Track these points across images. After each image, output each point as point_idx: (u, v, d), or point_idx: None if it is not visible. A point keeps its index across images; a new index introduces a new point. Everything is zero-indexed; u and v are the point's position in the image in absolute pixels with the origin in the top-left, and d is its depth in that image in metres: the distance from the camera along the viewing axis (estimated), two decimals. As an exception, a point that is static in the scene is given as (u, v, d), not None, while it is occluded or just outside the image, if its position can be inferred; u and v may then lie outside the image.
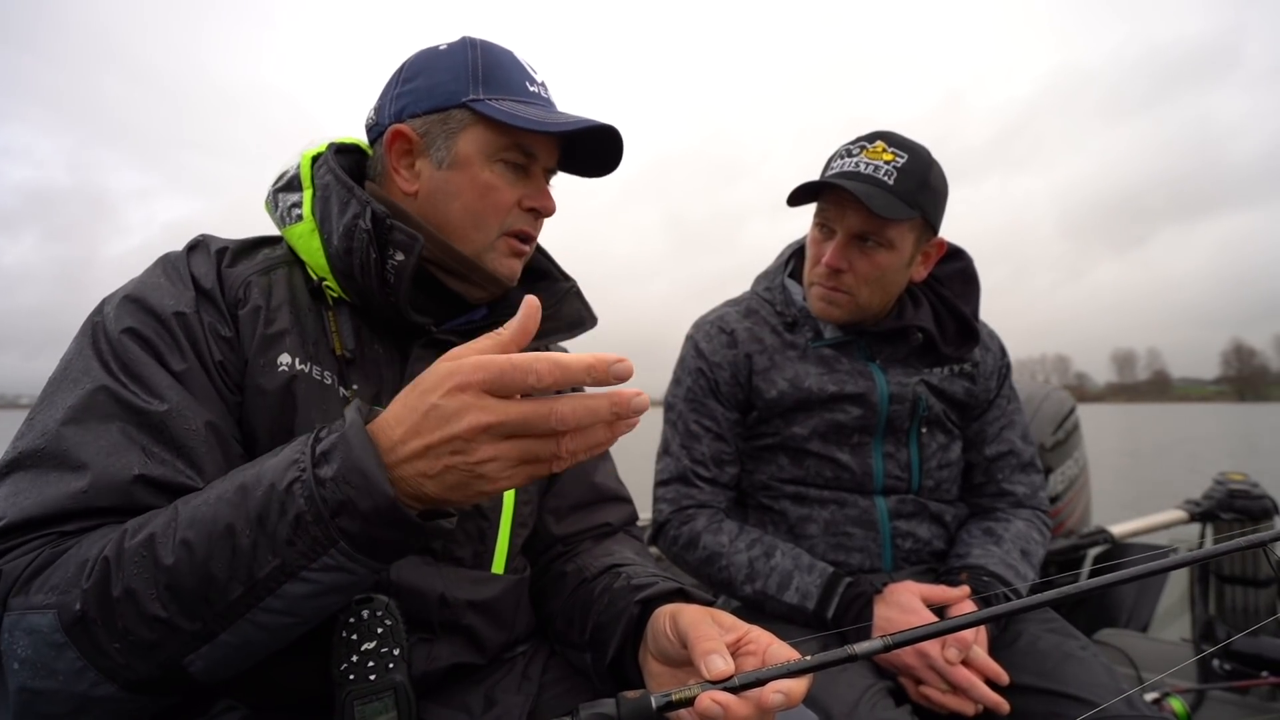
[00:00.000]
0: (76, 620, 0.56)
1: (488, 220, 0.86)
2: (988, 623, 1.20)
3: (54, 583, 0.58)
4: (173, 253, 0.82)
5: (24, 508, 0.62)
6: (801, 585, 1.23)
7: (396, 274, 0.80)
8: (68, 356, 0.73)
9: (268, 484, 0.58)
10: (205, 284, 0.79)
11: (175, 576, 0.57)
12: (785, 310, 1.41)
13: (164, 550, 0.57)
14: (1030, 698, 1.09)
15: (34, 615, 0.57)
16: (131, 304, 0.74)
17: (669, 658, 0.70)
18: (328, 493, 0.56)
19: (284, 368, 0.78)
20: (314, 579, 0.57)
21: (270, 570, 0.57)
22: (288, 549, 0.56)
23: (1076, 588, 0.50)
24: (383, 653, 0.71)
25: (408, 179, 0.86)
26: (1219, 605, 2.18)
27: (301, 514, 0.56)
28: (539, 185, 0.89)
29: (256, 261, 0.85)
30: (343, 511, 0.56)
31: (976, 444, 1.44)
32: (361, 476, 0.55)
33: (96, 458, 0.65)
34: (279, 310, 0.81)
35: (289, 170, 0.89)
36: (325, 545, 0.56)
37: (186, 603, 0.57)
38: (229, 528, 0.57)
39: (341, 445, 0.57)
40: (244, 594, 0.57)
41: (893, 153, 1.25)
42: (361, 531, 0.56)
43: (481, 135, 0.84)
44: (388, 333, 0.87)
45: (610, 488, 1.07)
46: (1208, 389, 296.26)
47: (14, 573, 0.59)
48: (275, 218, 0.88)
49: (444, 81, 0.84)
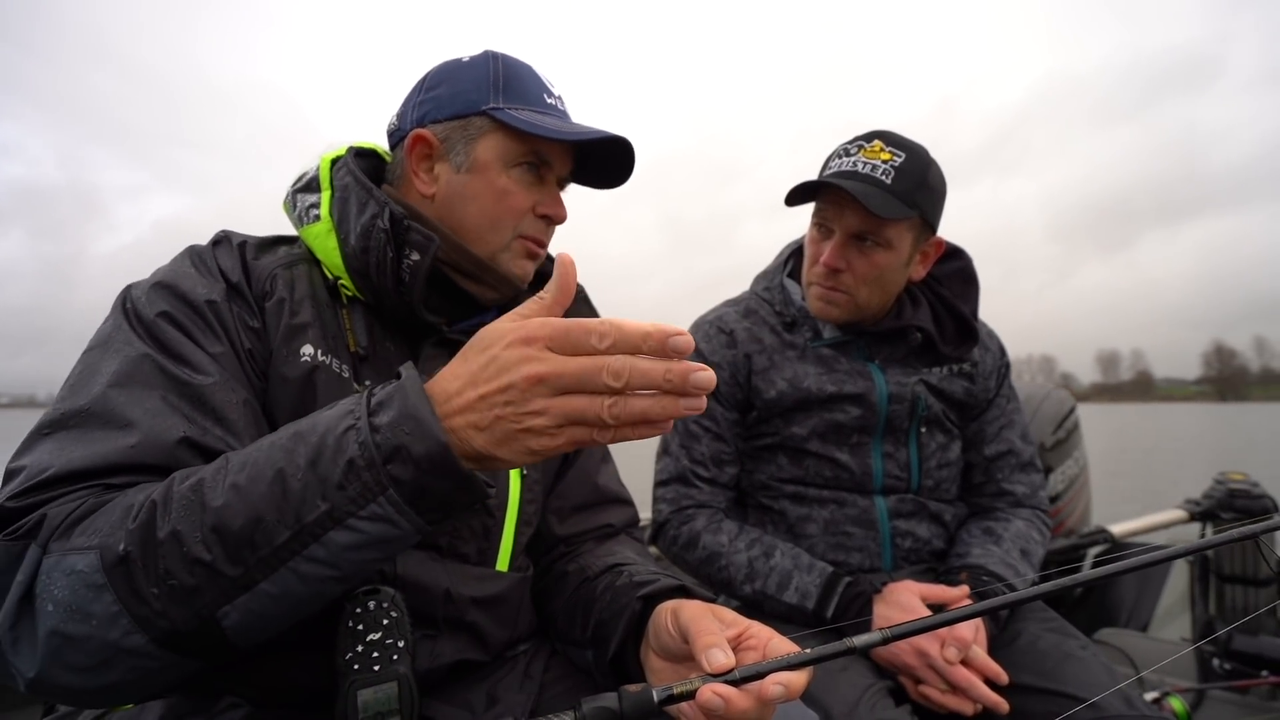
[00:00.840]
0: (118, 561, 0.57)
1: (502, 223, 0.88)
2: (985, 615, 1.20)
3: (97, 526, 0.59)
4: (198, 245, 0.85)
5: (71, 459, 0.63)
6: (801, 585, 1.23)
7: (412, 273, 0.82)
8: (105, 331, 0.74)
9: (322, 430, 0.59)
10: (233, 277, 0.81)
11: (222, 518, 0.57)
12: (784, 310, 1.41)
13: (213, 493, 0.59)
14: (1030, 697, 1.09)
15: (75, 556, 0.57)
16: (164, 290, 0.76)
17: (670, 653, 0.70)
18: (381, 438, 0.57)
19: (306, 358, 0.80)
20: (360, 528, 0.58)
21: (318, 515, 0.57)
22: (338, 493, 0.57)
23: (1075, 579, 0.50)
24: (388, 644, 0.72)
25: (426, 182, 0.89)
26: (1219, 604, 2.18)
27: (354, 459, 0.57)
28: (553, 193, 0.92)
29: (279, 256, 0.87)
30: (395, 457, 0.56)
31: (976, 443, 1.44)
32: (416, 423, 0.56)
33: (143, 418, 0.66)
34: (302, 303, 0.83)
35: (308, 172, 0.91)
36: (375, 491, 0.57)
37: (231, 546, 0.57)
38: (280, 472, 0.58)
39: (398, 394, 0.59)
40: (290, 539, 0.57)
41: (890, 152, 1.25)
42: (412, 479, 0.57)
43: (500, 142, 0.87)
44: (399, 331, 0.89)
45: (613, 489, 1.08)
46: (1189, 389, 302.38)
47: (57, 518, 0.60)
48: (293, 217, 0.91)
49: (466, 90, 0.87)
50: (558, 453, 0.57)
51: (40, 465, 0.63)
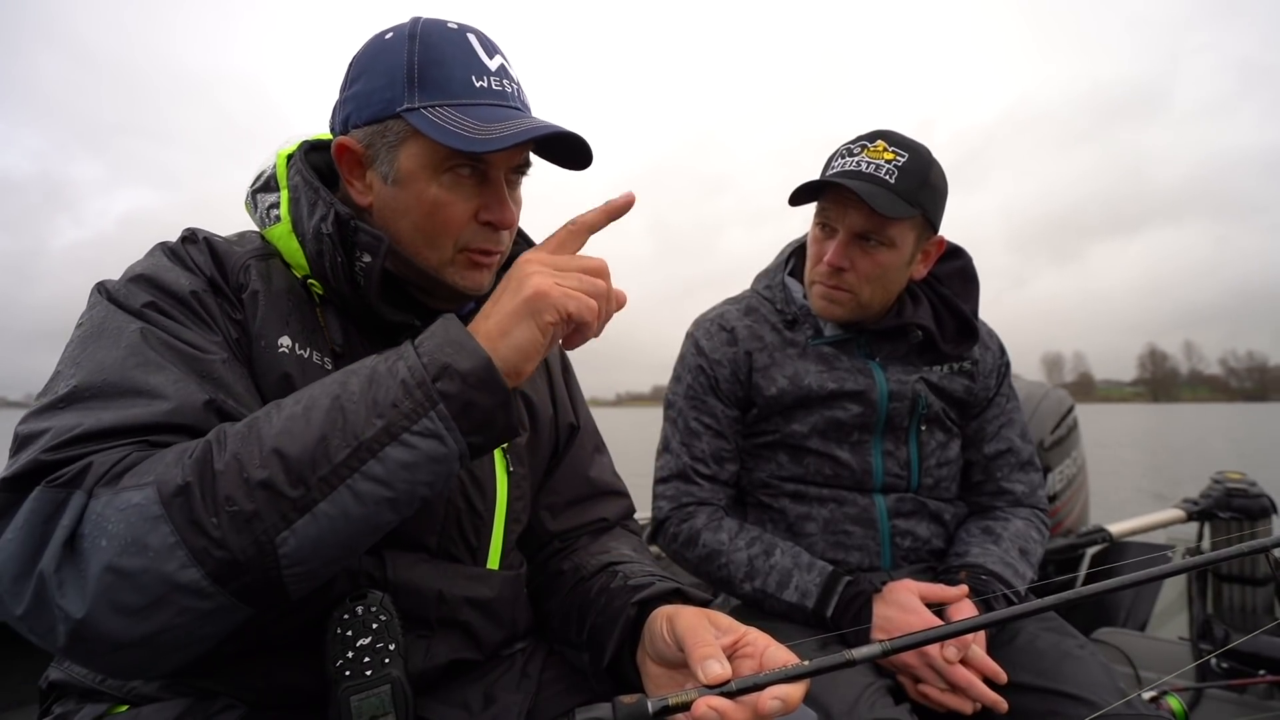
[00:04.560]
0: (178, 491, 0.57)
1: (439, 239, 0.80)
2: (987, 629, 1.21)
3: (149, 468, 0.59)
4: (169, 241, 0.82)
5: (102, 419, 0.63)
6: (801, 584, 1.23)
7: (365, 275, 0.79)
8: (97, 319, 0.71)
9: (372, 364, 0.66)
10: (207, 271, 0.79)
11: (282, 442, 0.60)
12: (785, 308, 1.40)
13: (268, 426, 0.62)
14: (1028, 696, 1.09)
15: (130, 492, 0.57)
16: (145, 282, 0.74)
17: (667, 660, 0.70)
18: (429, 360, 0.64)
19: (284, 349, 0.78)
20: (414, 444, 0.62)
21: (376, 431, 0.61)
22: (392, 410, 0.62)
23: (1078, 593, 0.50)
24: (378, 648, 0.71)
25: (361, 191, 0.82)
26: (1216, 604, 2.18)
27: (406, 379, 0.63)
28: (497, 194, 0.80)
29: (252, 247, 0.84)
30: (443, 375, 0.63)
31: (975, 442, 1.44)
32: (458, 346, 0.64)
33: (167, 385, 0.66)
34: (279, 296, 0.81)
35: (266, 170, 0.87)
36: (426, 406, 0.62)
37: (293, 466, 0.59)
38: (336, 399, 0.63)
39: (439, 328, 0.67)
40: (349, 456, 0.60)
41: (893, 152, 1.24)
42: (459, 393, 0.63)
43: (422, 148, 0.77)
44: (373, 330, 0.86)
45: (606, 481, 1.07)
46: (1125, 390, 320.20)
47: (104, 465, 0.59)
48: (255, 219, 0.87)
49: (379, 88, 0.78)
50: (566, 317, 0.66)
51: (67, 425, 0.62)
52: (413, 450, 0.62)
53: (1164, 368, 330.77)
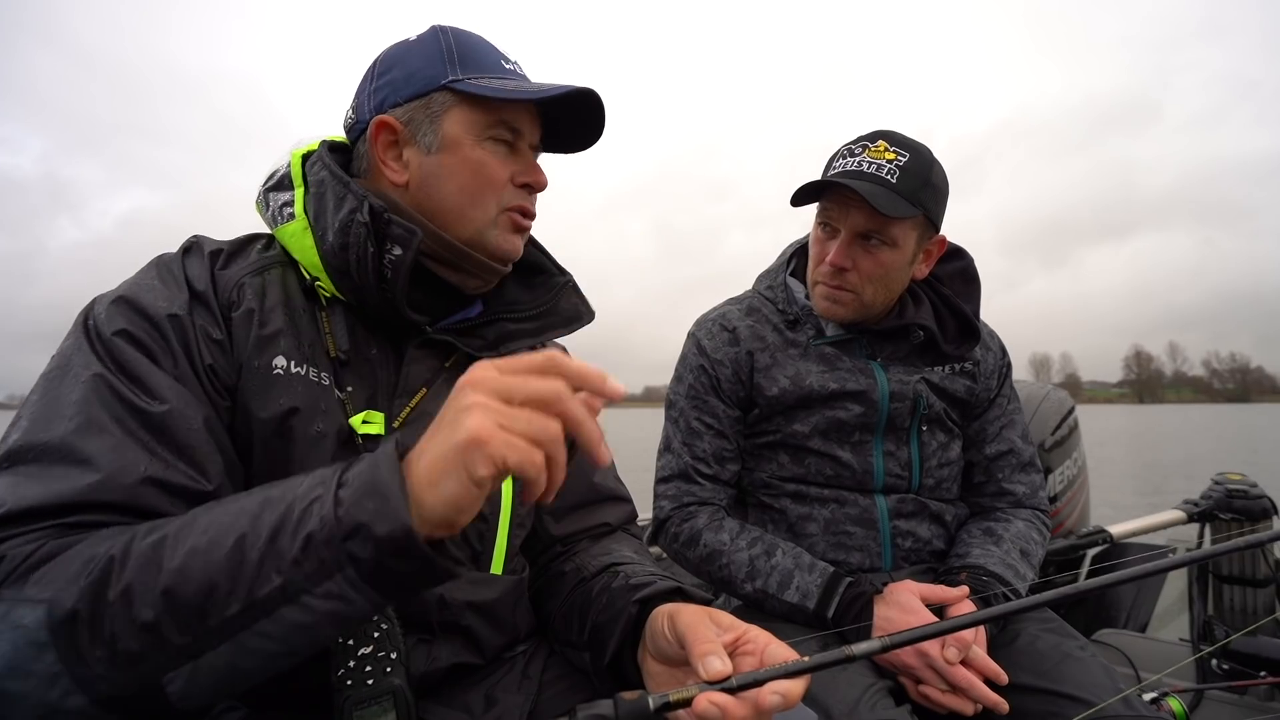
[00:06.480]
0: (66, 619, 0.54)
1: (485, 198, 0.85)
2: (985, 623, 1.20)
3: (53, 576, 0.57)
4: (167, 254, 0.81)
5: (24, 496, 0.60)
6: (802, 584, 1.23)
7: (394, 269, 0.79)
8: (65, 352, 0.71)
9: (290, 499, 0.57)
10: (199, 285, 0.77)
11: (176, 581, 0.55)
12: (787, 308, 1.40)
13: (170, 554, 0.56)
14: (1029, 697, 1.09)
15: (24, 608, 0.55)
16: (124, 305, 0.73)
17: (667, 658, 0.70)
18: (344, 512, 0.54)
19: (279, 370, 0.77)
20: (313, 605, 0.55)
21: (271, 589, 0.55)
22: (293, 569, 0.54)
23: (1076, 588, 0.50)
24: (379, 657, 0.71)
25: (397, 170, 0.85)
26: (1217, 605, 2.18)
27: (314, 532, 0.54)
28: (529, 160, 0.89)
29: (250, 262, 0.83)
30: (355, 535, 0.54)
31: (976, 443, 1.44)
32: (382, 500, 0.54)
33: (103, 454, 0.63)
34: (273, 312, 0.80)
35: (279, 169, 0.87)
36: (333, 570, 0.54)
37: (181, 612, 0.55)
38: (240, 540, 0.56)
39: (369, 467, 0.56)
40: (239, 612, 0.55)
41: (895, 151, 1.25)
42: (371, 558, 0.54)
43: (466, 115, 0.83)
44: (382, 332, 0.86)
45: (609, 487, 1.07)
46: (1111, 391, 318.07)
47: (15, 560, 0.57)
48: (266, 218, 0.87)
49: (420, 68, 0.84)
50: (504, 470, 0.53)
51: None
52: (310, 613, 0.55)
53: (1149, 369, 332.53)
